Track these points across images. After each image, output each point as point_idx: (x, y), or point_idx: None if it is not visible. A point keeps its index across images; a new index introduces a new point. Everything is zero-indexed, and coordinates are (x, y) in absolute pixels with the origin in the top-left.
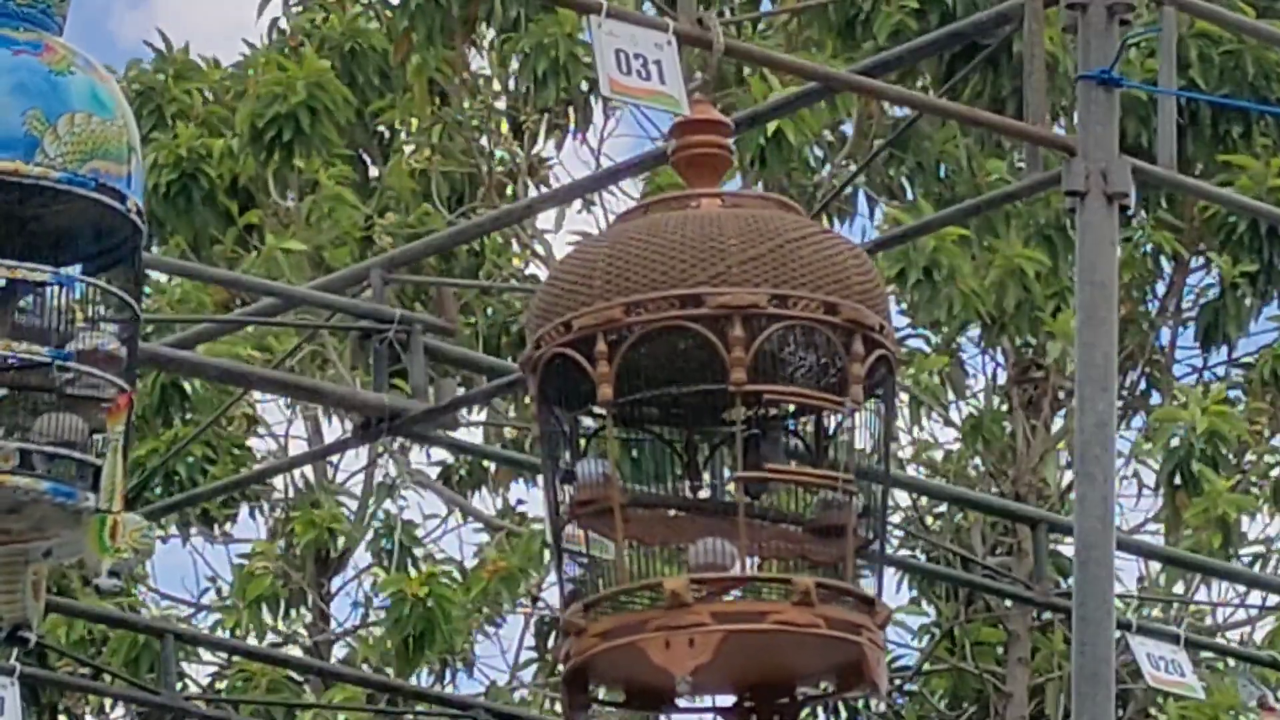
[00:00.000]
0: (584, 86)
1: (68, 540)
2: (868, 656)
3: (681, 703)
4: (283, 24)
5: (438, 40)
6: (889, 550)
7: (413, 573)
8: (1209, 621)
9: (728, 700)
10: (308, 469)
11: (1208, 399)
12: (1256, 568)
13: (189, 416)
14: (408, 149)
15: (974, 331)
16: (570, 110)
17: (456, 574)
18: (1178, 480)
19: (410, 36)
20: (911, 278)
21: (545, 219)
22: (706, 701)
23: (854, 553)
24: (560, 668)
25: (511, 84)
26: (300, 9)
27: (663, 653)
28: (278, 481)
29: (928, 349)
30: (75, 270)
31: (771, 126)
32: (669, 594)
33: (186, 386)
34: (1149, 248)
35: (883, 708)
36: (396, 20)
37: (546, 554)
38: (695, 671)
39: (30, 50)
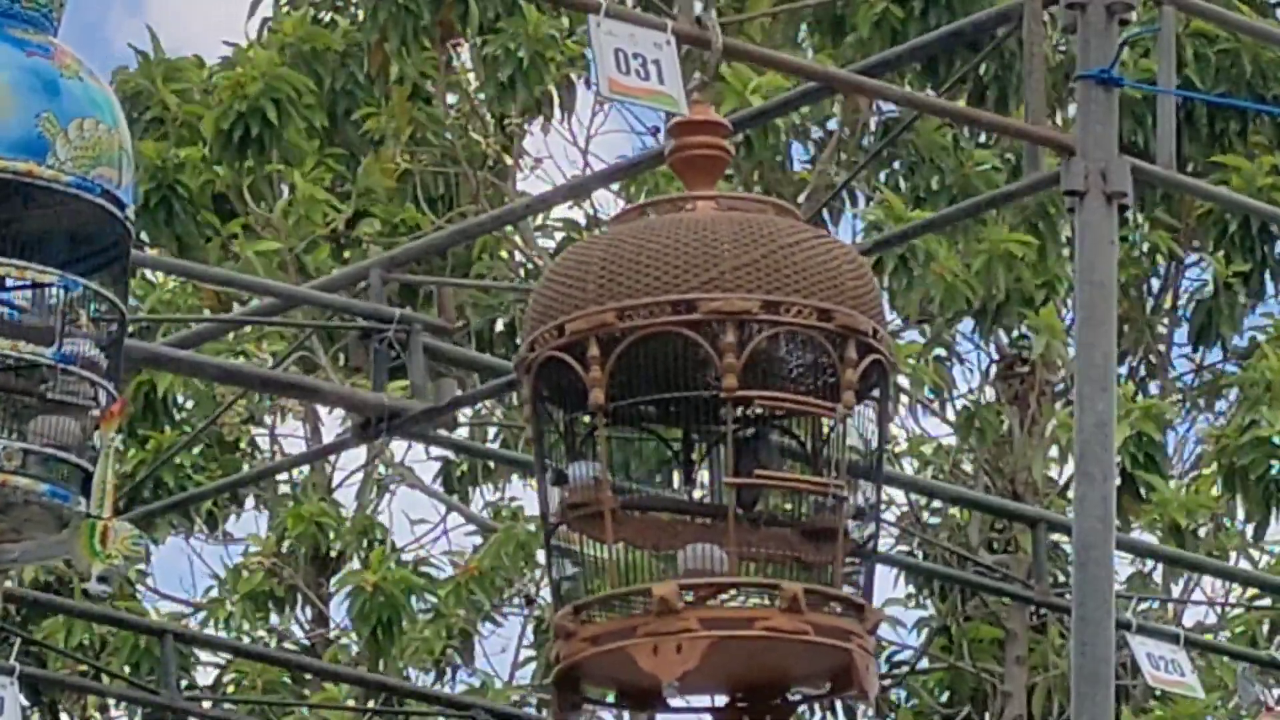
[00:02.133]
0: (572, 75)
1: (40, 545)
2: (856, 663)
3: (673, 703)
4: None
5: (412, 46)
6: (886, 547)
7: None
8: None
9: (720, 701)
10: (305, 467)
11: (1135, 403)
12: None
13: (180, 418)
14: (385, 148)
15: (966, 324)
16: (555, 99)
17: (444, 571)
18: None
19: (383, 47)
20: (889, 265)
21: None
22: (699, 702)
23: (846, 556)
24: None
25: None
26: (288, 9)
27: (650, 658)
28: (280, 479)
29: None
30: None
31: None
32: (657, 599)
33: (178, 394)
34: (1145, 247)
35: (872, 707)
36: (367, 31)
37: (526, 553)
38: (682, 677)
39: (42, 53)
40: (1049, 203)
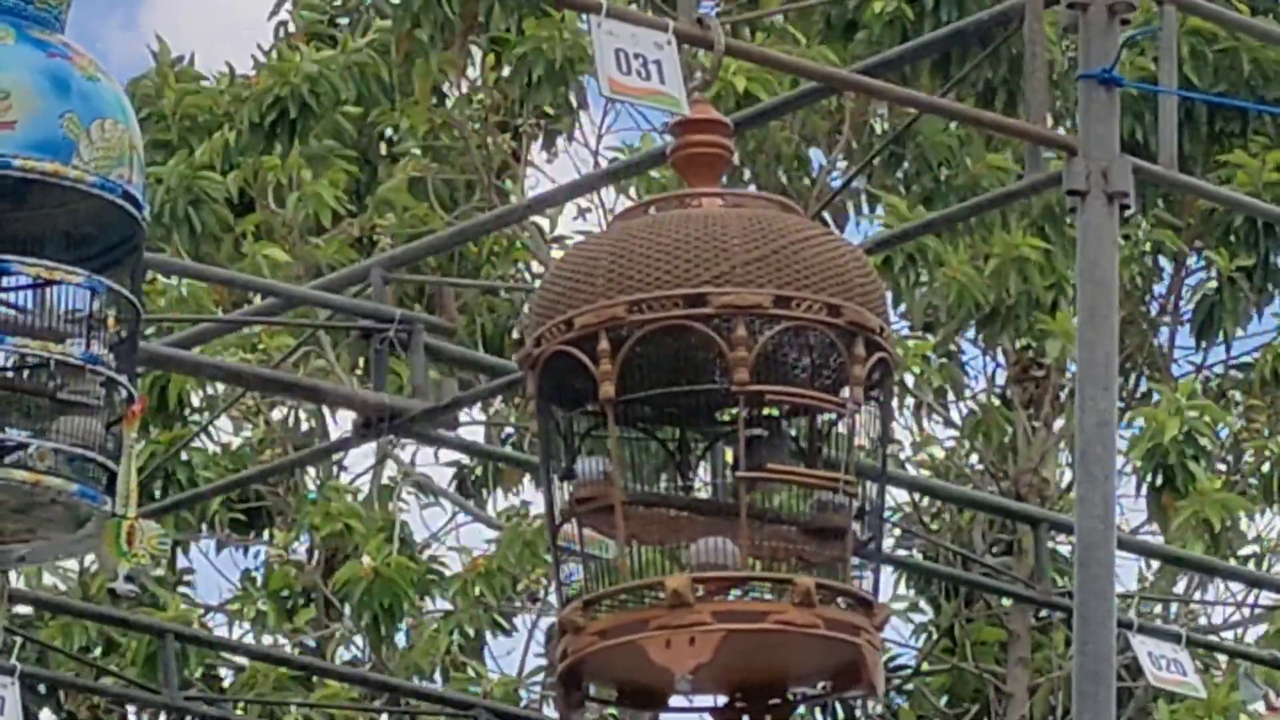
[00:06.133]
0: (573, 97)
1: (54, 544)
2: (865, 658)
3: (673, 702)
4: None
5: (438, 40)
6: (887, 548)
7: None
8: (1203, 621)
9: (721, 700)
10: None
11: (1180, 399)
12: (1251, 566)
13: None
14: (405, 156)
15: (972, 331)
16: (565, 115)
17: (450, 567)
18: (1160, 481)
19: (413, 34)
20: (897, 263)
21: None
22: (698, 701)
23: (851, 553)
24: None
25: (506, 90)
26: (307, 10)
27: (663, 652)
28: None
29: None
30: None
31: (740, 86)
32: (671, 593)
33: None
34: (1147, 247)
35: (879, 709)
36: (399, 20)
37: (532, 551)
38: (695, 670)
39: (61, 55)
40: (1056, 204)
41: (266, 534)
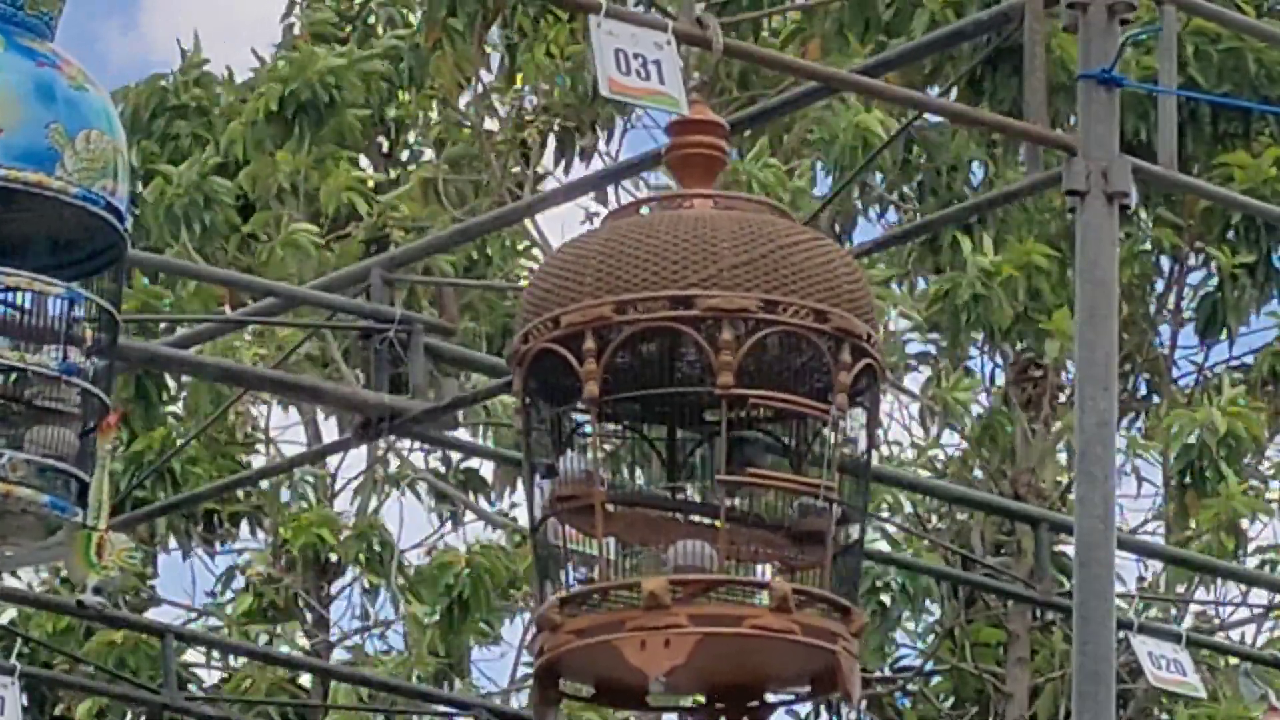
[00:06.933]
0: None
1: (26, 552)
2: (841, 664)
3: (651, 701)
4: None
5: (468, 34)
6: (889, 549)
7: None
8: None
9: (699, 701)
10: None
11: (1223, 399)
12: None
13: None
14: (414, 158)
15: (977, 335)
16: (576, 132)
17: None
18: (1187, 479)
19: (445, 21)
20: (964, 295)
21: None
22: (676, 701)
23: (833, 559)
24: None
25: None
26: (310, 8)
27: (638, 653)
28: (280, 494)
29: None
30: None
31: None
32: (647, 594)
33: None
34: (1148, 246)
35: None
36: (434, 6)
37: None
38: (670, 672)
39: (49, 63)
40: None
41: (247, 537)
